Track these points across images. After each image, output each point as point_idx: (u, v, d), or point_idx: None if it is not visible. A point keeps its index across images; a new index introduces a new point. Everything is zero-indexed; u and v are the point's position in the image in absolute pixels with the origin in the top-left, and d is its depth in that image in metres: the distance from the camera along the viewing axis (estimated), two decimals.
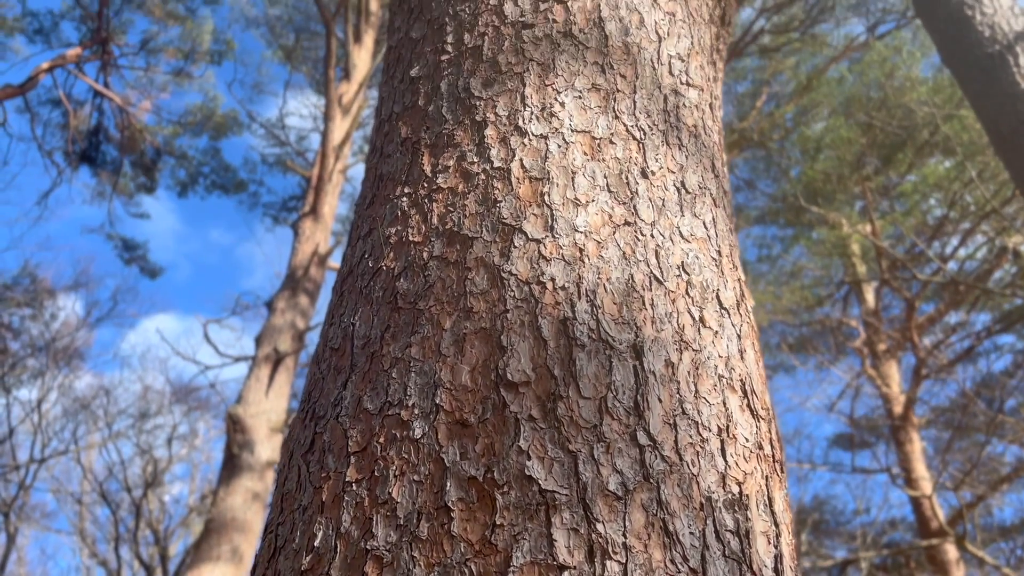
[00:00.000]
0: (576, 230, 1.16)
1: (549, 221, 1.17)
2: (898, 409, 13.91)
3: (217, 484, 9.62)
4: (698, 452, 1.02)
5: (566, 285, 1.11)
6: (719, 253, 1.28)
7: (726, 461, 1.04)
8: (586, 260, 1.13)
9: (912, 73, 13.27)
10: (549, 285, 1.10)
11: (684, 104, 1.40)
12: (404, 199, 1.28)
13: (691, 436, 1.03)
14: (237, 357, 14.37)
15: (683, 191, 1.29)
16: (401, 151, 1.36)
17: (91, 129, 18.72)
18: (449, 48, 1.43)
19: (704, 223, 1.28)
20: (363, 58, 14.63)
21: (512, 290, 1.10)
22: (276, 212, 20.95)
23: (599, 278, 1.12)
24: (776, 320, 17.21)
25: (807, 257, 17.12)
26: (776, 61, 17.19)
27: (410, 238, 1.22)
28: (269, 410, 10.11)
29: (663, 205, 1.25)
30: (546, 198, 1.19)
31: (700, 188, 1.32)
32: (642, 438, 0.99)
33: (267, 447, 9.79)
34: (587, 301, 1.09)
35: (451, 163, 1.27)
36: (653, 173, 1.27)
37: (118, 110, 18.44)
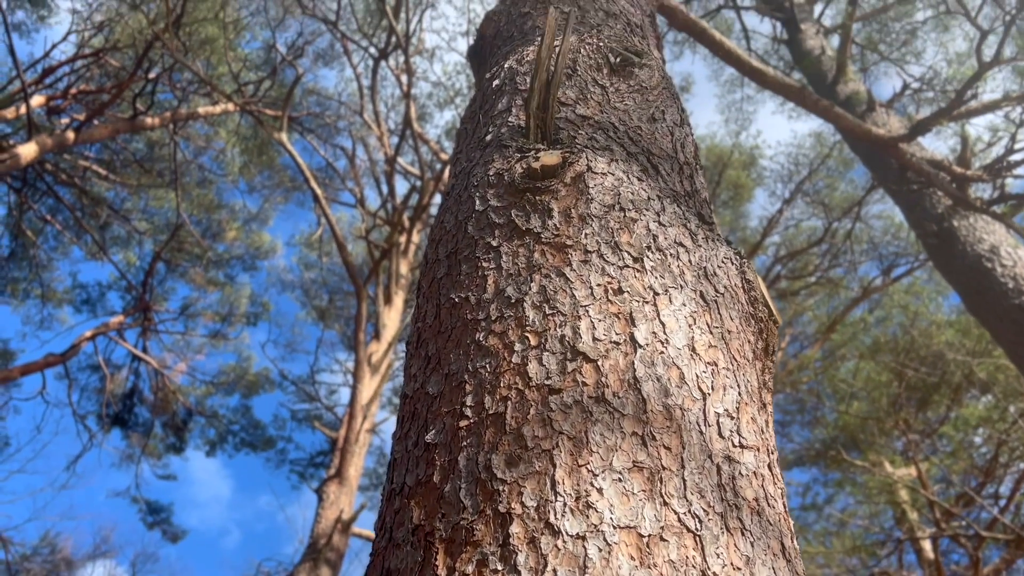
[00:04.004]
0: None
1: None
2: None
3: None
4: None
5: None
6: None
7: None
8: None
9: (936, 316, 13.30)
10: None
11: (740, 473, 1.20)
12: None
13: None
14: None
15: None
16: (413, 542, 1.16)
17: (126, 392, 19.09)
18: (468, 412, 1.27)
19: None
20: (393, 318, 15.06)
21: None
22: (303, 468, 20.60)
23: None
24: (830, 574, 16.03)
25: (854, 504, 16.26)
26: (796, 303, 17.47)
27: None
28: None
29: None
30: None
31: None
32: None
33: None
34: None
35: (470, 570, 1.05)
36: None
37: (154, 373, 18.90)
